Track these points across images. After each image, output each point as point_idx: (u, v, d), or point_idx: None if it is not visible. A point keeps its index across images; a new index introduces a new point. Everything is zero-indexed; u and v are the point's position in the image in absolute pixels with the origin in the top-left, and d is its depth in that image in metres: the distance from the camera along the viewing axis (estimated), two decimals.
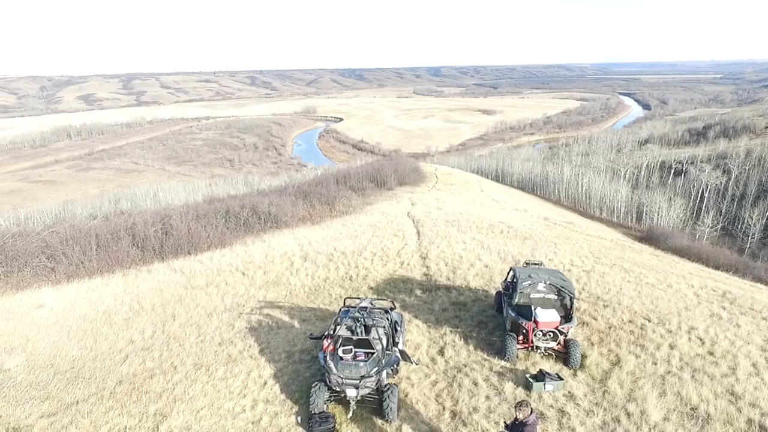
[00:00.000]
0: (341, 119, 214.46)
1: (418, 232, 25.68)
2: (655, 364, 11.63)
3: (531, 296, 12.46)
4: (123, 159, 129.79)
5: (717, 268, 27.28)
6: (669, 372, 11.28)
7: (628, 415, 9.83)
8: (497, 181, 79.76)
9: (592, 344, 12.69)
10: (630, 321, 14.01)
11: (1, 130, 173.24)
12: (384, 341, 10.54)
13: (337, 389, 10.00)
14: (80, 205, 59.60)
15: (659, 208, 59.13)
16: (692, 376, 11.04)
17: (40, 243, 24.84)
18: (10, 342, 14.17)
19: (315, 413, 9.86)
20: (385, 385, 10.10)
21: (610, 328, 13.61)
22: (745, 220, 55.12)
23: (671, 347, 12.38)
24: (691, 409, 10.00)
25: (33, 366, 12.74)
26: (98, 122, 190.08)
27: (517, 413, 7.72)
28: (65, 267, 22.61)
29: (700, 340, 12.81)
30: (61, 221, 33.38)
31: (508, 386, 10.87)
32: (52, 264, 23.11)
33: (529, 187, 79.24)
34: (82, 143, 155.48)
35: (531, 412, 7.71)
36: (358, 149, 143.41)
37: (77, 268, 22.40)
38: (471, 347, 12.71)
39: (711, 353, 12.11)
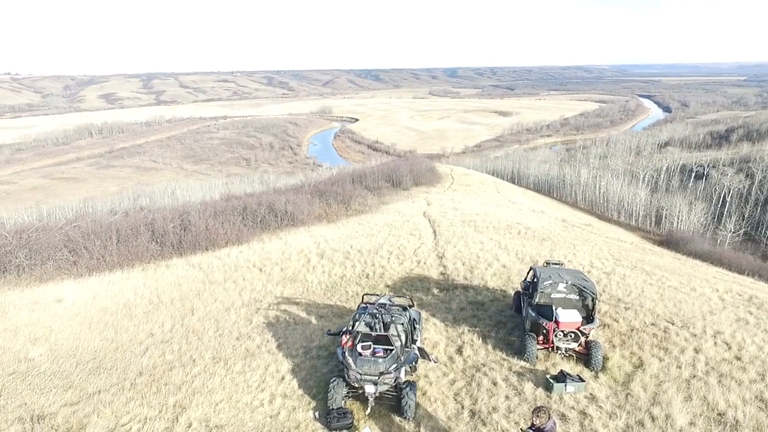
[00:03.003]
0: (357, 120, 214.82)
1: (435, 232, 25.55)
2: (680, 367, 11.35)
3: (552, 296, 12.27)
4: (142, 157, 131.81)
5: (740, 273, 26.61)
6: (694, 376, 11.01)
7: (653, 418, 9.61)
8: (513, 182, 79.05)
9: (614, 346, 12.46)
10: (653, 324, 13.71)
11: (26, 128, 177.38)
12: (403, 338, 10.47)
13: (356, 385, 9.97)
14: (100, 201, 60.76)
15: (679, 212, 57.93)
16: (719, 381, 10.76)
17: (63, 237, 25.34)
18: (34, 332, 14.47)
19: (333, 409, 9.84)
20: (404, 382, 10.04)
21: (632, 330, 13.34)
22: None
23: (696, 351, 12.08)
24: (719, 414, 9.74)
25: (56, 356, 12.97)
26: (119, 121, 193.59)
27: (534, 419, 7.58)
28: (87, 261, 23.01)
29: (727, 344, 12.48)
30: (83, 216, 34.03)
31: (528, 386, 10.71)
32: (74, 258, 23.54)
33: (546, 189, 78.42)
34: (103, 141, 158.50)
35: (549, 418, 7.58)
36: (373, 150, 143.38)
37: (98, 262, 22.78)
38: (489, 347, 12.57)
39: (738, 358, 11.79)
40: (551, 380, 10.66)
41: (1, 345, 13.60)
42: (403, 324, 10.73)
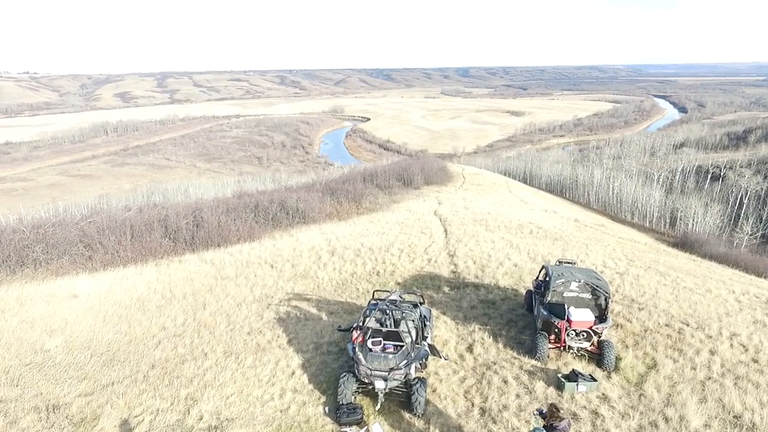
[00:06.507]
0: (368, 119, 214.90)
1: (446, 231, 25.47)
2: (695, 369, 11.18)
3: (564, 295, 12.15)
4: (156, 155, 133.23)
5: (758, 276, 26.08)
6: (709, 378, 10.83)
7: (666, 420, 9.47)
8: (525, 183, 78.50)
9: (627, 347, 12.30)
10: (667, 325, 13.52)
11: (44, 126, 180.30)
12: (413, 334, 10.46)
13: (366, 381, 9.97)
14: (115, 198, 61.58)
15: (694, 213, 57.02)
16: (735, 384, 10.56)
17: (78, 232, 25.76)
18: (50, 324, 14.70)
19: (343, 404, 9.85)
20: (414, 379, 10.02)
21: (645, 331, 13.16)
22: None
23: (711, 353, 11.88)
24: (735, 417, 9.56)
25: (71, 347, 13.18)
26: (133, 119, 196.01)
27: (550, 420, 7.52)
28: (101, 255, 23.37)
29: (743, 346, 12.26)
30: (98, 212, 34.54)
31: (539, 385, 10.63)
32: (89, 252, 23.92)
33: (558, 189, 77.74)
34: (118, 139, 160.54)
35: (561, 420, 7.51)
36: (385, 149, 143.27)
37: (113, 257, 23.12)
38: (500, 345, 12.50)
39: (755, 361, 11.57)
40: (563, 379, 10.56)
41: (18, 336, 13.85)
42: (413, 320, 10.72)
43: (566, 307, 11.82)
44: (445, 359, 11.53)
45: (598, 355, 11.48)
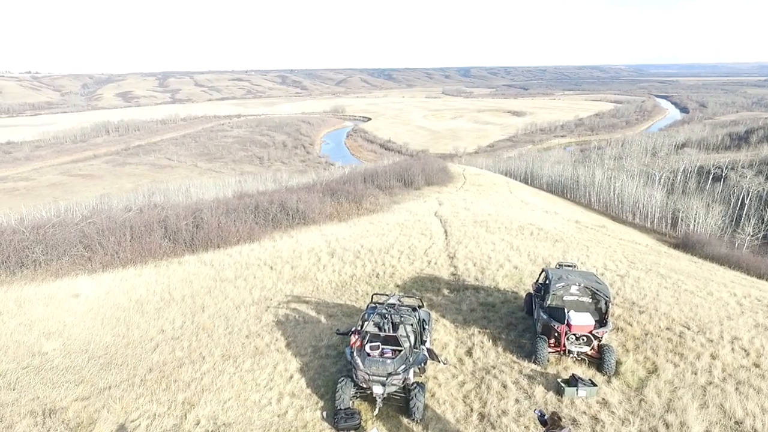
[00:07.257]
0: (369, 119, 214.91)
1: (446, 232, 25.39)
2: (695, 374, 11.08)
3: (564, 298, 12.06)
4: (157, 155, 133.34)
5: (759, 277, 25.98)
6: (710, 383, 10.73)
7: (667, 425, 9.38)
8: (526, 183, 78.41)
9: (627, 351, 12.21)
10: (667, 328, 13.42)
11: (46, 126, 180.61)
12: (412, 339, 10.38)
13: (364, 386, 9.90)
14: (116, 198, 61.60)
15: (696, 214, 56.89)
16: (736, 389, 10.47)
17: (78, 233, 25.74)
18: (48, 327, 14.67)
19: (341, 409, 9.78)
20: (413, 384, 9.94)
21: (646, 334, 13.07)
22: None
23: (713, 357, 11.79)
24: (736, 423, 9.47)
25: (69, 350, 13.13)
26: (135, 119, 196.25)
27: (551, 427, 7.45)
28: (101, 257, 23.34)
29: (745, 351, 12.16)
30: (98, 213, 34.50)
31: (539, 390, 10.54)
32: (89, 253, 23.90)
33: (559, 190, 77.62)
34: (119, 139, 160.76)
35: (561, 428, 7.46)
36: (386, 149, 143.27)
37: (112, 258, 23.10)
38: (500, 349, 12.41)
39: (757, 365, 11.46)
40: (562, 384, 10.47)
41: (16, 339, 13.81)
42: (412, 324, 10.64)
43: (566, 311, 11.73)
44: (444, 363, 11.46)
45: (598, 360, 11.40)
